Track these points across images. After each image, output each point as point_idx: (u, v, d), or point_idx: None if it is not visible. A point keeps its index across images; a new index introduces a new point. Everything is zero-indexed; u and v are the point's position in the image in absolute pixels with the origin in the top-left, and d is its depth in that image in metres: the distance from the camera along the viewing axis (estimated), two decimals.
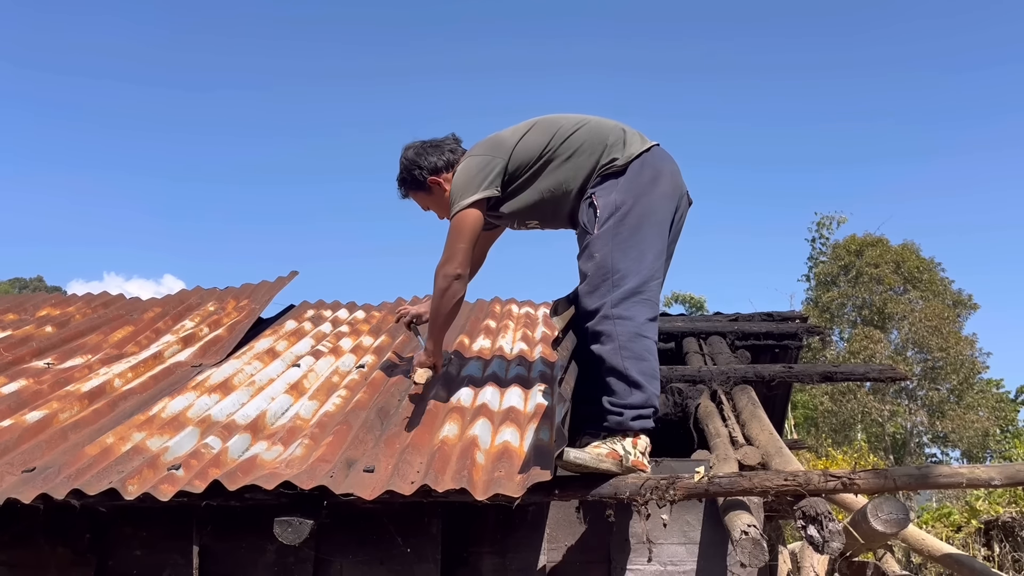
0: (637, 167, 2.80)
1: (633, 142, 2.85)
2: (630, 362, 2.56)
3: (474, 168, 2.93)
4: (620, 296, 2.62)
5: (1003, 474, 2.45)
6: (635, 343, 2.59)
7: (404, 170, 3.15)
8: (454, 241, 2.92)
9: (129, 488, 2.45)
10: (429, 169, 3.09)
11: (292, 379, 3.50)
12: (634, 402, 2.55)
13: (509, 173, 2.93)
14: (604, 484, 2.43)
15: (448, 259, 2.93)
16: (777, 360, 4.44)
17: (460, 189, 2.93)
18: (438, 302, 2.98)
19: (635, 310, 2.62)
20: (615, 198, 2.74)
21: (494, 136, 3.02)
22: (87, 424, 3.03)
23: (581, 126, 2.91)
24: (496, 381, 3.39)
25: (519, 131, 2.97)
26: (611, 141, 2.85)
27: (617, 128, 2.90)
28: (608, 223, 2.70)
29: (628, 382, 2.55)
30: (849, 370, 3.86)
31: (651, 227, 2.73)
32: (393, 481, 2.44)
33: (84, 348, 4.00)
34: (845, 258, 24.41)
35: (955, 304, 23.77)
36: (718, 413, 3.28)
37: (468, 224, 2.91)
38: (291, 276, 5.11)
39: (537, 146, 2.90)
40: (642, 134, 2.92)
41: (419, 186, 3.14)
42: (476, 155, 2.98)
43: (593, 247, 2.70)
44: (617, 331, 2.58)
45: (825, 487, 2.34)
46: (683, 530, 2.91)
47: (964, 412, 21.87)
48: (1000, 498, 8.41)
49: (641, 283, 2.65)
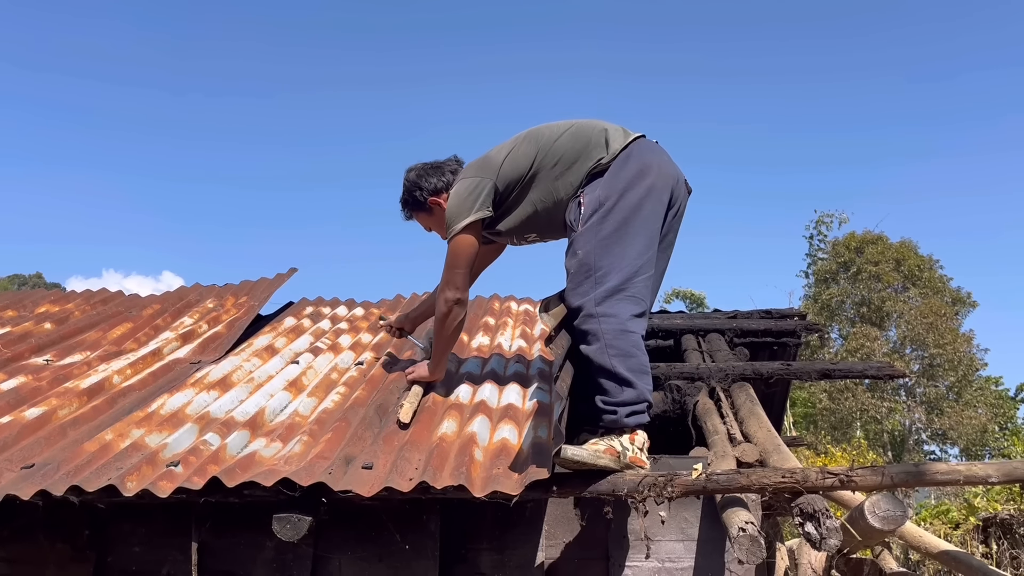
0: (621, 161, 2.79)
1: (615, 138, 2.85)
2: (618, 360, 2.55)
3: (464, 192, 2.98)
4: (603, 294, 2.62)
5: (1000, 471, 2.46)
6: (621, 340, 2.58)
7: (406, 191, 3.22)
8: (451, 267, 3.00)
9: (128, 484, 2.46)
10: (430, 191, 3.16)
11: (291, 376, 3.50)
12: (627, 399, 2.55)
13: (500, 192, 2.96)
14: (602, 481, 2.43)
15: (446, 284, 3.03)
16: (776, 358, 4.44)
17: (453, 214, 2.98)
18: (440, 326, 3.09)
19: (619, 307, 2.61)
20: (598, 194, 2.75)
21: (483, 157, 3.06)
22: (86, 421, 3.03)
23: (564, 132, 2.92)
24: (495, 378, 3.40)
25: (506, 148, 3.00)
26: (595, 141, 2.85)
27: (599, 127, 2.89)
28: (591, 220, 2.70)
29: (618, 380, 2.55)
30: (848, 367, 3.87)
31: (637, 222, 2.71)
32: (391, 478, 2.45)
33: (83, 345, 4.00)
34: (845, 255, 24.42)
35: (954, 302, 23.79)
36: (716, 410, 3.28)
37: (463, 249, 2.98)
38: (290, 273, 5.12)
39: (525, 160, 2.92)
40: (625, 128, 2.91)
41: (420, 207, 3.21)
42: (466, 178, 3.03)
43: (576, 244, 2.71)
44: (602, 329, 2.58)
45: (823, 484, 2.35)
46: (681, 527, 2.91)
47: (962, 409, 21.89)
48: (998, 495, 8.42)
49: (624, 280, 2.64)
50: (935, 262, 24.16)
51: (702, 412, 3.30)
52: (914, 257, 23.72)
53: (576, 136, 2.89)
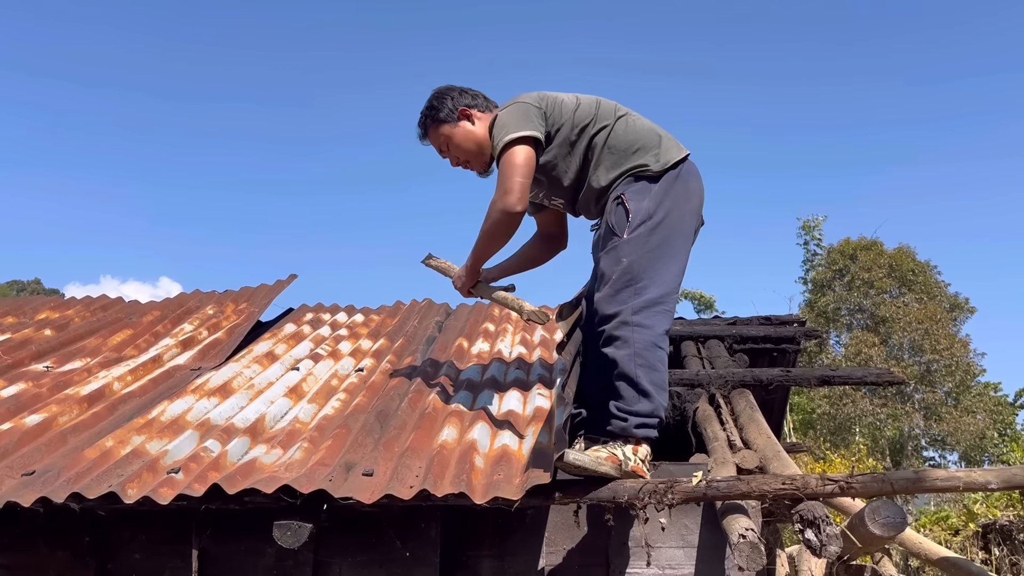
0: (672, 177, 2.74)
1: (670, 149, 2.78)
2: (643, 371, 2.55)
3: (520, 111, 2.76)
4: (641, 304, 2.61)
5: (1000, 478, 2.46)
6: (650, 352, 2.58)
7: (433, 99, 2.91)
8: (510, 174, 2.67)
9: (129, 491, 2.46)
10: (461, 101, 2.89)
11: (291, 382, 3.51)
12: (641, 410, 2.55)
13: (547, 132, 2.78)
14: (603, 488, 2.43)
15: (506, 191, 2.67)
16: (775, 364, 4.45)
17: (510, 124, 2.73)
18: (487, 242, 2.79)
19: (654, 320, 2.61)
20: (648, 205, 2.68)
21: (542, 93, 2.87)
22: (86, 427, 3.03)
23: (620, 117, 2.81)
24: (495, 385, 3.40)
25: (569, 96, 2.85)
26: (645, 144, 2.77)
27: (654, 131, 2.82)
28: (639, 229, 2.65)
29: (638, 390, 2.55)
30: (847, 374, 3.88)
31: (679, 242, 2.72)
32: (392, 485, 2.45)
33: (83, 351, 4.00)
34: (840, 262, 24.44)
35: (952, 307, 23.79)
36: (716, 417, 3.29)
37: (522, 157, 2.69)
38: (290, 279, 5.12)
39: (582, 118, 2.78)
40: (677, 141, 2.85)
41: (446, 117, 2.88)
42: (525, 101, 2.81)
43: (621, 251, 2.64)
44: (635, 338, 2.57)
45: (823, 491, 2.35)
46: (681, 534, 2.91)
47: (961, 415, 21.89)
48: (998, 501, 8.42)
49: (663, 294, 2.64)
50: (933, 268, 24.18)
51: (702, 418, 3.30)
52: (910, 262, 23.74)
53: (631, 130, 2.80)
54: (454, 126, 2.89)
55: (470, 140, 2.89)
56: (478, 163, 2.95)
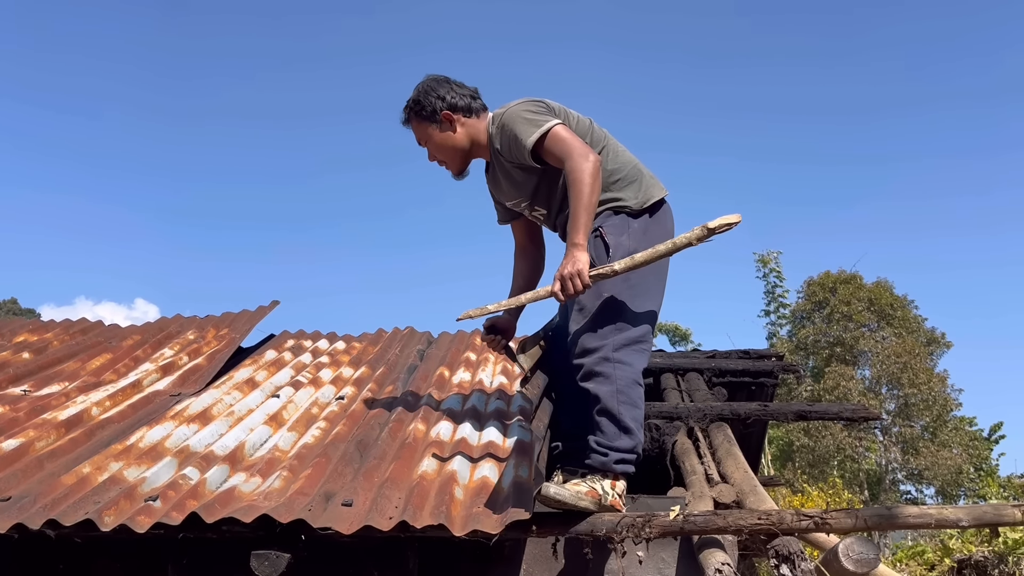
0: (654, 218, 2.79)
1: (652, 187, 2.82)
2: (625, 407, 2.60)
3: (535, 108, 2.78)
4: (623, 341, 2.65)
5: (971, 515, 2.51)
6: (632, 390, 2.63)
7: (420, 93, 2.90)
8: (569, 141, 2.67)
9: (105, 519, 2.44)
10: (447, 102, 2.87)
11: (271, 410, 3.50)
12: (621, 446, 2.59)
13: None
14: (581, 521, 2.46)
15: (578, 154, 2.63)
16: (753, 397, 4.50)
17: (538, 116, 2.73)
18: (591, 196, 2.60)
19: (634, 357, 2.66)
20: (629, 244, 2.70)
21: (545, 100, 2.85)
22: (64, 453, 3.01)
23: (605, 146, 2.83)
24: (475, 415, 3.41)
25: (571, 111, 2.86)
26: (626, 175, 2.80)
27: (635, 166, 2.85)
28: None
29: (620, 426, 2.59)
30: (823, 409, 3.93)
31: (657, 283, 2.78)
32: (371, 516, 2.45)
33: (62, 375, 3.97)
34: (819, 295, 24.69)
35: (929, 342, 24.05)
36: (694, 450, 3.32)
37: (564, 130, 2.69)
38: (272, 306, 5.12)
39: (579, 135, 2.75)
40: (658, 179, 2.88)
41: (429, 116, 2.89)
42: (536, 100, 2.81)
43: (602, 287, 2.65)
44: (617, 375, 2.61)
45: (798, 526, 2.39)
46: (658, 567, 2.93)
47: (938, 449, 22.05)
48: (973, 537, 8.46)
49: (643, 333, 2.70)
50: (910, 302, 24.48)
51: (680, 452, 3.33)
52: (887, 296, 24.03)
53: (612, 159, 2.81)
54: (435, 127, 2.90)
55: (448, 144, 2.92)
56: (453, 165, 2.99)
